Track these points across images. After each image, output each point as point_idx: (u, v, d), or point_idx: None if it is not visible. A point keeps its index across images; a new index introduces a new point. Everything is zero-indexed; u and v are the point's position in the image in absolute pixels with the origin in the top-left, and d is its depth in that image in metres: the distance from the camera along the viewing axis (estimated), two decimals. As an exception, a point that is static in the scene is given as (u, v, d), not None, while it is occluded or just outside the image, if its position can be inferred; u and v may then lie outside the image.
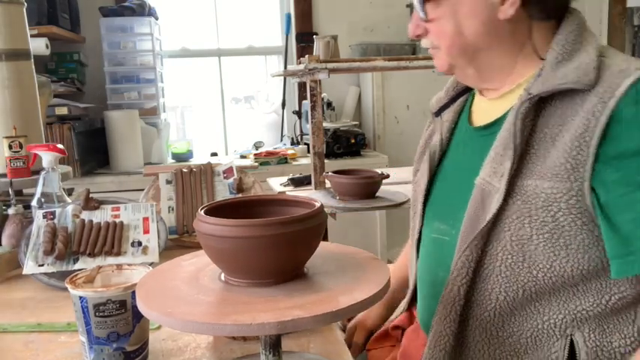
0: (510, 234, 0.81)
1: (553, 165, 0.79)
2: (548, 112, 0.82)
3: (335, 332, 0.90)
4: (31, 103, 1.63)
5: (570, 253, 0.79)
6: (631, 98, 0.75)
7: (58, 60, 3.23)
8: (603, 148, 0.75)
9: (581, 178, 0.76)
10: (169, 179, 1.47)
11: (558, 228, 0.78)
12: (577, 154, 0.77)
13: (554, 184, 0.78)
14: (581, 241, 0.78)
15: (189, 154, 3.32)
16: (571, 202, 0.77)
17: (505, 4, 0.83)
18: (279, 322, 0.58)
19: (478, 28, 0.86)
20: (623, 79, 0.76)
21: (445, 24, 0.87)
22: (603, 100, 0.76)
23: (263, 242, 0.65)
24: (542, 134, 0.82)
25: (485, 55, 0.89)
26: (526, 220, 0.80)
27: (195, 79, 3.73)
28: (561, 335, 0.82)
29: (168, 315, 0.61)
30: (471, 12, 0.85)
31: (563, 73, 0.80)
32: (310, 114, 2.12)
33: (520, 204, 0.81)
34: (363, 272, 0.71)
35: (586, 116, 0.77)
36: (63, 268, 1.12)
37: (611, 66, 0.79)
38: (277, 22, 3.71)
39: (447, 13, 0.87)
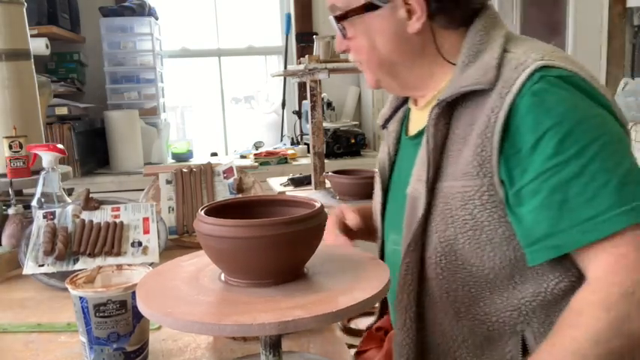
0: (438, 236, 0.84)
1: (464, 164, 0.81)
2: (459, 114, 0.85)
3: (335, 332, 0.90)
4: (31, 103, 1.63)
5: (495, 247, 0.81)
6: (527, 91, 0.77)
7: (58, 60, 3.23)
8: (505, 143, 0.78)
9: (490, 173, 0.79)
10: (169, 179, 1.47)
11: (478, 224, 0.81)
12: (482, 151, 0.79)
13: (466, 182, 0.81)
14: (502, 233, 0.80)
15: (189, 154, 3.32)
16: (484, 198, 0.80)
17: (412, 18, 0.87)
18: (280, 323, 0.58)
19: (390, 44, 0.89)
20: (519, 73, 0.78)
21: (361, 41, 0.91)
22: (501, 96, 0.78)
23: (263, 242, 0.65)
24: (455, 136, 0.84)
25: (402, 68, 0.92)
26: (449, 221, 0.83)
27: (195, 79, 3.73)
28: (512, 332, 0.84)
29: (168, 315, 0.61)
30: (381, 29, 0.89)
31: (466, 76, 0.83)
32: (310, 114, 2.12)
33: (442, 206, 0.84)
34: (363, 272, 0.71)
35: (487, 113, 0.79)
36: (63, 268, 1.12)
37: (511, 61, 0.81)
38: (277, 22, 3.71)
39: (361, 30, 0.90)
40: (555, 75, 0.78)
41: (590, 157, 0.74)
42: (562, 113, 0.76)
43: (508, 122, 0.78)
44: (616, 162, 0.75)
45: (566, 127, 0.75)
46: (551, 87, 0.77)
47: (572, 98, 0.78)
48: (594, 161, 0.74)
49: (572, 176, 0.74)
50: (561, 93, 0.77)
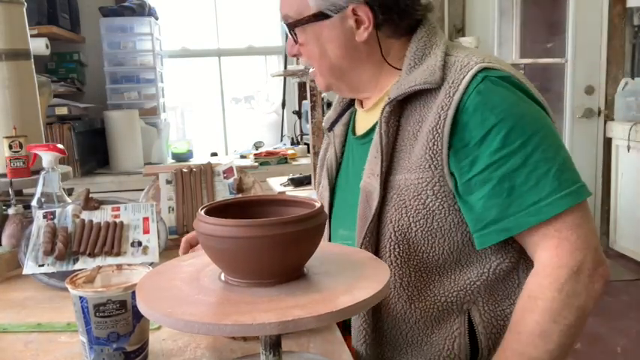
0: (393, 226, 0.90)
1: (417, 158, 0.88)
2: (409, 112, 0.92)
3: (335, 332, 0.90)
4: (31, 103, 1.63)
5: (445, 233, 0.89)
6: (472, 90, 0.85)
7: (58, 60, 3.23)
8: (454, 138, 0.85)
9: (440, 166, 0.86)
10: (169, 179, 1.47)
11: (430, 213, 0.88)
12: (433, 145, 0.86)
13: (420, 174, 0.88)
14: (451, 221, 0.88)
15: (189, 154, 3.32)
16: (436, 189, 0.87)
17: (360, 28, 0.93)
18: (280, 322, 0.58)
19: (339, 51, 0.95)
20: (464, 74, 0.86)
21: (312, 48, 0.97)
22: (450, 95, 0.86)
23: (263, 242, 0.65)
24: (406, 132, 0.91)
25: (350, 73, 0.98)
26: (403, 211, 0.89)
27: (195, 79, 3.73)
28: (460, 312, 0.91)
29: (169, 315, 0.61)
30: (331, 37, 0.95)
31: (414, 77, 0.90)
32: (310, 114, 2.12)
33: (396, 197, 0.90)
34: (363, 271, 0.71)
35: (437, 111, 0.86)
36: (63, 268, 1.12)
37: (455, 63, 0.89)
38: (277, 22, 3.71)
39: (312, 38, 0.96)
40: (496, 75, 0.86)
41: (532, 148, 0.83)
42: (505, 110, 0.84)
43: (456, 119, 0.85)
44: (554, 152, 0.85)
45: (510, 123, 0.83)
46: (494, 86, 0.86)
47: (513, 96, 0.86)
48: (536, 152, 0.83)
49: (518, 166, 0.83)
50: (503, 91, 0.86)
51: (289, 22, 0.97)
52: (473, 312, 0.91)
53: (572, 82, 3.88)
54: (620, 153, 3.69)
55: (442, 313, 0.91)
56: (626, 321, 2.85)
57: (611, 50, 3.83)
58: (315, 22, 0.94)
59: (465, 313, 0.91)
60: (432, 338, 0.92)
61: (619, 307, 3.02)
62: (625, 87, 3.67)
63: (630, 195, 3.62)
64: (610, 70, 3.86)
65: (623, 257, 3.69)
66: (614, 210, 3.78)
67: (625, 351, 2.57)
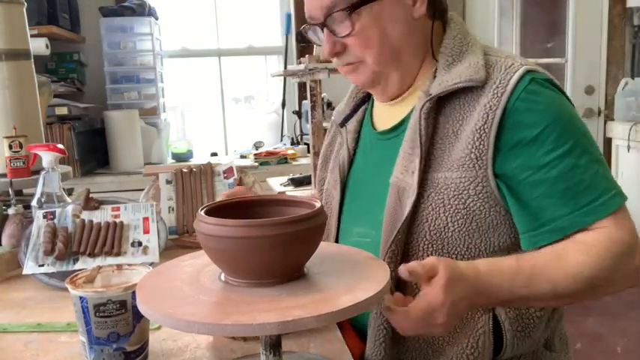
0: (429, 225, 0.89)
1: (458, 157, 0.87)
2: (449, 109, 0.90)
3: (335, 332, 0.90)
4: (31, 103, 1.63)
5: (482, 234, 0.88)
6: (522, 90, 0.85)
7: (58, 60, 3.23)
8: (502, 139, 0.85)
9: (485, 166, 0.85)
10: (169, 179, 1.47)
11: (470, 213, 0.87)
12: (479, 145, 0.85)
13: (462, 173, 0.87)
14: (490, 221, 0.87)
15: (189, 154, 3.32)
16: (478, 189, 0.86)
17: (417, 3, 0.92)
18: (281, 323, 0.58)
19: (401, 29, 0.92)
20: (512, 74, 0.86)
21: (370, 33, 0.91)
22: (497, 95, 0.85)
23: (263, 242, 0.65)
24: (445, 130, 0.90)
25: (407, 55, 0.95)
26: (441, 210, 0.88)
27: (195, 79, 3.73)
28: (484, 311, 0.89)
29: (170, 316, 0.61)
30: (392, 15, 0.91)
31: (456, 74, 0.89)
32: (310, 114, 2.12)
33: (434, 196, 0.88)
34: (363, 271, 0.71)
35: (483, 110, 0.85)
36: (63, 268, 1.12)
37: (497, 63, 0.89)
38: (277, 22, 3.71)
39: (371, 21, 0.91)
40: (542, 78, 0.88)
41: (582, 150, 0.85)
42: (555, 112, 0.85)
43: (504, 119, 0.85)
44: (598, 154, 0.87)
45: (561, 125, 0.85)
46: (543, 88, 0.86)
47: (559, 98, 0.88)
48: (585, 154, 0.85)
49: (571, 167, 0.84)
50: (551, 93, 0.87)
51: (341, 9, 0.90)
52: (498, 309, 0.89)
53: (572, 82, 3.88)
54: (620, 153, 3.69)
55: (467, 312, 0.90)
56: (626, 321, 2.85)
57: (611, 50, 3.83)
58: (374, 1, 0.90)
59: (490, 311, 0.89)
60: (454, 337, 0.90)
61: (619, 307, 3.01)
62: (625, 87, 3.67)
63: (630, 195, 3.61)
64: (610, 70, 3.86)
65: (623, 257, 3.68)
66: (614, 210, 3.78)
67: (625, 351, 2.57)
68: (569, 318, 3.11)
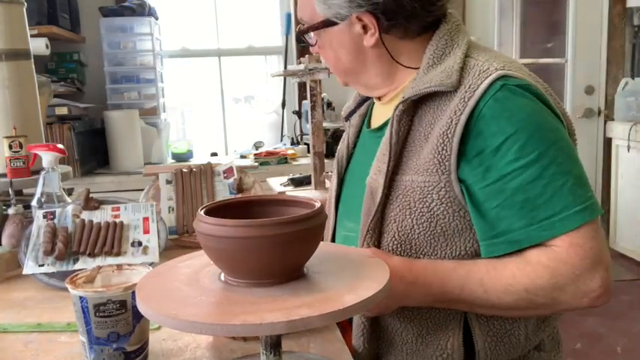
0: (396, 226, 0.90)
1: (425, 161, 0.87)
2: (422, 112, 0.90)
3: (335, 332, 0.90)
4: (31, 103, 1.63)
5: (448, 238, 0.87)
6: (490, 97, 0.83)
7: (58, 60, 3.23)
8: (468, 146, 0.83)
9: (448, 171, 0.85)
10: (169, 179, 1.47)
11: (434, 217, 0.86)
12: (442, 150, 0.85)
13: (427, 177, 0.86)
14: (455, 226, 0.86)
15: (189, 154, 3.32)
16: (441, 193, 0.86)
17: (367, 34, 0.93)
18: (289, 322, 0.58)
19: (349, 55, 0.97)
20: (482, 80, 0.84)
21: (326, 52, 1.00)
22: (464, 100, 0.84)
23: (263, 242, 0.65)
24: (418, 133, 0.90)
25: (363, 75, 0.99)
26: (407, 212, 0.88)
27: (195, 79, 3.73)
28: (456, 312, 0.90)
29: (174, 317, 0.60)
30: (341, 42, 0.96)
31: (430, 78, 0.88)
32: (310, 114, 2.12)
33: (401, 198, 0.89)
34: (363, 270, 0.71)
35: (450, 115, 0.84)
36: (63, 268, 1.12)
37: (474, 67, 0.87)
38: (277, 22, 3.71)
39: (325, 42, 0.98)
40: (515, 84, 0.84)
41: (548, 161, 0.81)
42: (523, 120, 0.82)
43: (470, 125, 0.83)
44: (570, 166, 0.83)
45: (527, 134, 0.81)
46: (512, 95, 0.83)
47: (531, 105, 0.84)
48: (552, 165, 0.81)
49: (533, 179, 0.81)
50: (521, 101, 0.83)
51: (303, 28, 0.99)
52: (471, 318, 0.90)
53: (572, 82, 3.88)
54: (620, 153, 3.69)
55: (438, 313, 0.91)
56: (626, 321, 2.85)
57: (611, 50, 3.83)
58: (325, 28, 0.95)
59: (461, 313, 0.90)
60: (427, 338, 0.91)
61: (619, 307, 3.01)
62: (625, 87, 3.67)
63: (630, 195, 3.62)
64: (610, 70, 3.86)
65: (623, 257, 3.69)
66: (614, 210, 3.78)
67: (625, 351, 2.57)
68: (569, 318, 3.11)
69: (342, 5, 0.91)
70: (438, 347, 0.91)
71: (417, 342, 0.92)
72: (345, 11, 0.92)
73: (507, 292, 0.82)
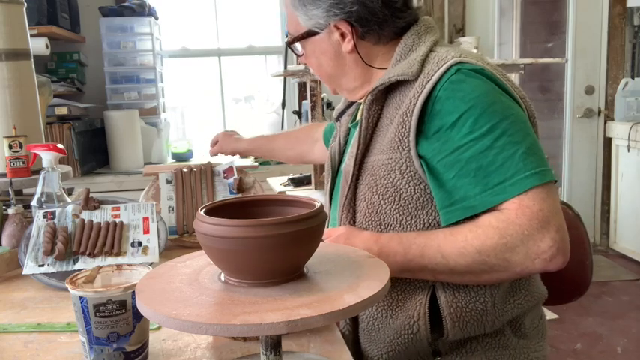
0: (366, 204, 0.98)
1: (388, 140, 0.96)
2: (389, 100, 1.00)
3: (335, 332, 0.90)
4: (31, 103, 1.63)
5: (412, 212, 0.95)
6: (445, 80, 0.91)
7: (58, 60, 3.23)
8: (426, 125, 0.92)
9: (407, 148, 0.93)
10: (169, 179, 1.47)
11: (397, 192, 0.94)
12: (402, 129, 0.93)
13: (390, 155, 0.95)
14: (417, 200, 0.94)
15: (189, 154, 3.32)
16: (403, 168, 0.94)
17: (345, 41, 1.04)
18: (289, 322, 0.58)
19: (331, 62, 1.07)
20: (440, 66, 0.93)
21: (311, 60, 1.11)
22: (422, 84, 0.92)
23: (263, 242, 0.65)
24: (385, 119, 0.99)
25: (343, 79, 1.09)
26: (374, 190, 0.97)
27: (195, 79, 3.73)
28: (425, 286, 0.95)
29: (174, 317, 0.60)
30: (322, 50, 1.07)
31: (395, 69, 0.98)
32: (310, 114, 2.12)
33: (369, 177, 0.98)
34: (363, 270, 0.71)
35: (410, 98, 0.93)
36: (63, 268, 1.12)
37: (434, 57, 0.96)
38: (277, 22, 3.71)
39: (309, 52, 1.09)
40: (469, 68, 0.93)
41: (500, 133, 0.88)
42: (475, 98, 0.89)
43: (428, 106, 0.91)
44: (521, 137, 0.89)
45: (479, 110, 0.89)
46: (466, 77, 0.91)
47: (484, 85, 0.92)
48: (503, 136, 0.88)
49: (485, 149, 0.88)
50: (474, 81, 0.91)
51: (288, 40, 1.10)
52: (437, 286, 0.95)
53: (572, 82, 3.88)
54: (620, 153, 3.69)
55: (407, 285, 0.96)
56: (626, 321, 2.85)
57: (611, 50, 3.83)
58: (308, 38, 1.06)
59: (429, 289, 0.95)
60: (396, 310, 0.97)
61: (619, 307, 3.02)
62: (625, 87, 3.67)
63: (630, 195, 3.62)
64: (610, 70, 3.86)
65: (623, 257, 3.69)
66: (614, 210, 3.78)
67: (625, 351, 2.57)
68: (569, 318, 3.12)
69: (321, 15, 1.01)
70: (406, 317, 0.95)
71: (387, 314, 0.98)
72: (324, 20, 1.02)
73: (461, 254, 0.87)
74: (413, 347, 0.96)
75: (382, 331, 0.98)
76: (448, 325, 0.94)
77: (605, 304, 3.04)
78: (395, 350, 0.98)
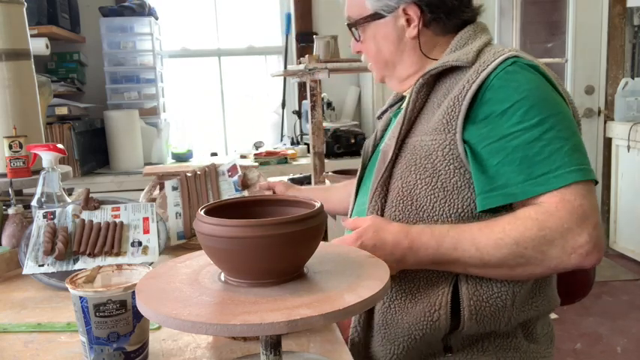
0: (401, 182, 0.98)
1: (434, 122, 0.96)
2: (439, 86, 1.01)
3: (335, 332, 0.90)
4: (31, 103, 1.63)
5: (447, 195, 0.94)
6: (501, 70, 0.93)
7: (58, 60, 3.23)
8: (475, 111, 0.93)
9: (454, 131, 0.93)
10: (175, 186, 1.46)
11: (436, 173, 0.95)
12: (451, 112, 0.94)
13: (434, 137, 0.95)
14: (454, 183, 0.94)
15: (189, 154, 3.32)
16: (445, 150, 0.94)
17: (410, 26, 1.05)
18: (289, 322, 0.58)
19: (391, 47, 1.08)
20: (496, 57, 0.95)
21: (369, 45, 1.11)
22: (477, 72, 0.94)
23: (263, 242, 0.65)
24: (431, 103, 1.00)
25: (399, 65, 1.10)
26: (412, 169, 0.97)
27: (195, 79, 3.73)
28: (448, 275, 0.95)
29: (174, 317, 0.60)
30: (385, 34, 1.08)
31: (450, 57, 1.00)
32: (310, 114, 2.12)
33: (409, 157, 0.98)
34: (363, 270, 0.71)
35: (463, 84, 0.94)
36: (63, 268, 1.12)
37: (490, 50, 0.99)
38: (277, 22, 3.71)
39: (370, 36, 1.10)
40: (525, 62, 0.95)
41: (548, 126, 0.89)
42: (528, 90, 0.91)
43: (479, 93, 0.92)
44: (569, 134, 0.90)
45: (531, 102, 0.90)
46: (521, 69, 0.93)
47: (537, 80, 0.94)
48: (551, 130, 0.89)
49: (533, 139, 0.89)
50: (528, 75, 0.93)
51: (350, 23, 1.11)
52: (460, 279, 0.94)
53: (572, 82, 3.88)
54: (620, 153, 3.69)
55: (430, 273, 0.95)
56: (626, 321, 2.85)
57: (611, 50, 3.83)
58: (372, 21, 1.07)
59: (452, 279, 0.95)
60: (416, 296, 0.96)
61: (619, 307, 3.02)
62: (625, 87, 3.67)
63: (630, 195, 3.62)
64: (610, 70, 3.86)
65: (623, 257, 3.69)
66: (614, 210, 3.78)
67: (625, 351, 2.57)
68: (569, 318, 3.12)
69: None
70: (427, 305, 0.95)
71: (407, 299, 0.97)
72: (394, 3, 1.04)
73: (498, 246, 0.87)
74: (429, 337, 0.96)
75: (400, 318, 0.97)
76: (465, 317, 0.93)
77: (605, 304, 3.04)
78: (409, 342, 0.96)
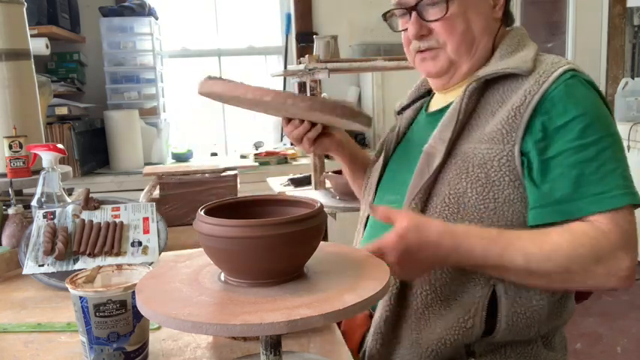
0: (449, 189, 0.95)
1: (490, 131, 0.94)
2: (491, 93, 0.99)
3: (335, 332, 0.90)
4: (31, 103, 1.63)
5: (497, 206, 0.92)
6: (561, 82, 0.92)
7: (58, 60, 3.23)
8: (535, 122, 0.91)
9: (512, 142, 0.92)
10: None
11: (489, 183, 0.93)
12: (512, 122, 0.92)
13: (491, 146, 0.93)
14: (507, 195, 0.92)
15: (189, 154, 3.32)
16: (502, 161, 0.92)
17: (496, 7, 1.05)
18: (289, 322, 0.58)
19: (482, 24, 1.03)
20: (556, 68, 0.94)
21: (456, 20, 1.02)
22: (539, 83, 0.93)
23: (263, 242, 0.65)
24: (484, 110, 0.98)
25: (480, 49, 1.05)
26: (463, 176, 0.94)
27: (195, 79, 3.72)
28: (485, 283, 0.93)
29: (174, 317, 0.60)
30: (478, 11, 1.03)
31: (506, 63, 0.99)
32: (310, 114, 2.11)
33: (460, 163, 0.95)
34: (363, 270, 0.71)
35: (523, 94, 0.93)
36: (63, 268, 1.12)
37: (546, 60, 0.98)
38: (277, 22, 3.70)
39: (459, 11, 1.02)
40: (584, 78, 0.95)
41: (604, 146, 0.89)
42: (587, 106, 0.91)
43: (540, 105, 0.91)
44: (622, 156, 0.92)
45: (590, 119, 0.90)
46: (581, 84, 0.93)
47: (594, 97, 0.94)
48: (607, 150, 0.89)
49: (589, 158, 0.88)
50: (587, 91, 0.94)
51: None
52: (498, 286, 0.93)
53: (572, 82, 3.88)
54: (620, 153, 3.69)
55: (468, 280, 0.94)
56: (626, 321, 2.85)
57: (611, 50, 3.83)
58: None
59: (490, 286, 0.93)
60: (452, 303, 0.95)
61: (619, 307, 3.01)
62: (625, 87, 3.67)
63: (630, 195, 3.62)
64: (610, 70, 3.86)
65: (623, 257, 3.68)
66: (614, 210, 3.77)
67: (625, 351, 2.57)
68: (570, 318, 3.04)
69: None
70: (462, 311, 0.93)
71: (442, 305, 0.95)
72: None
73: (548, 259, 0.85)
74: (459, 342, 0.94)
75: (433, 323, 0.95)
76: (502, 327, 0.93)
77: (605, 304, 3.04)
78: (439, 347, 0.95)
